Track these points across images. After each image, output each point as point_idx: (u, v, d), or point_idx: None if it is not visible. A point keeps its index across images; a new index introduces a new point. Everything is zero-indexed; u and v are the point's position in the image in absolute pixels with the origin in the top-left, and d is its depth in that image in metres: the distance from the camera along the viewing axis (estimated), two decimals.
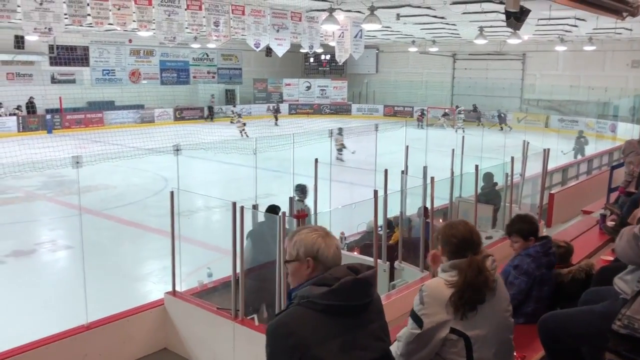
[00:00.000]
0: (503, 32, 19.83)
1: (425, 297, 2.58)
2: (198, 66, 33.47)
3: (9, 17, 10.00)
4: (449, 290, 2.58)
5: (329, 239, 2.30)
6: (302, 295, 2.16)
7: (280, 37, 14.82)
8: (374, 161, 10.10)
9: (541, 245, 3.90)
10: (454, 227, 2.75)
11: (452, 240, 2.70)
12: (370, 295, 2.24)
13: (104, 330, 4.90)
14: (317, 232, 2.32)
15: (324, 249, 2.26)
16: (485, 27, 18.45)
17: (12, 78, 25.91)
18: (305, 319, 2.11)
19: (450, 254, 2.70)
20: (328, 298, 2.12)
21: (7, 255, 9.47)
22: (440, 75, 33.86)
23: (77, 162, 4.72)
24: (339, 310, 2.13)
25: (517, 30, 12.60)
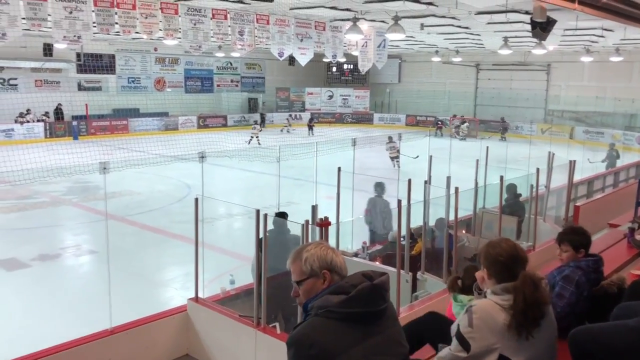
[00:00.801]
0: (528, 43, 19.67)
1: (475, 319, 2.47)
2: (222, 75, 33.79)
3: (40, 25, 10.21)
4: (502, 313, 2.47)
5: (334, 250, 2.36)
6: (319, 305, 2.16)
7: (303, 46, 14.89)
8: (396, 170, 10.08)
9: (594, 261, 3.76)
10: (497, 246, 2.65)
11: (499, 260, 2.60)
12: (386, 300, 2.25)
13: (127, 335, 4.95)
14: (322, 244, 2.37)
15: (335, 259, 2.30)
16: (509, 37, 18.32)
17: (41, 85, 26.42)
18: (326, 329, 2.11)
19: (499, 275, 2.59)
20: (347, 306, 2.13)
21: (33, 259, 9.61)
22: (464, 86, 33.69)
23: (104, 168, 4.78)
24: (358, 317, 2.14)
25: (543, 41, 12.47)
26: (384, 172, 11.77)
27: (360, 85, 36.53)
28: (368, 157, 18.99)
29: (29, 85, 25.89)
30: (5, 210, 12.80)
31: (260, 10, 13.40)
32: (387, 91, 36.70)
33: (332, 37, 15.50)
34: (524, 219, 8.32)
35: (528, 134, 26.74)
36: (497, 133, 28.94)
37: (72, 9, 10.24)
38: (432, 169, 8.74)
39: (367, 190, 9.12)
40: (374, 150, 18.47)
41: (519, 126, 29.86)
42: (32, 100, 24.03)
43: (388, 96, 36.70)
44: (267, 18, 13.71)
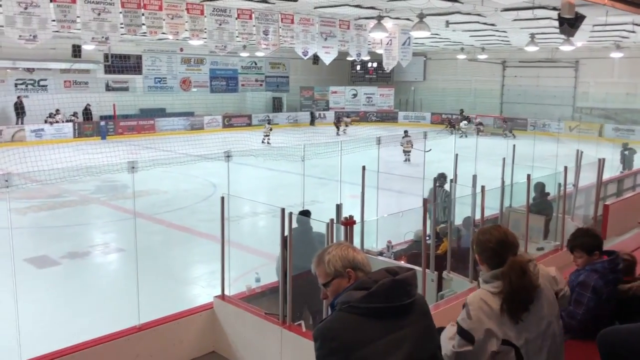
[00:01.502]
0: (555, 39, 19.38)
1: (472, 311, 2.54)
2: (246, 74, 34.00)
3: (69, 27, 10.41)
4: (495, 300, 2.53)
5: (355, 248, 2.43)
6: (343, 301, 2.22)
7: (328, 45, 14.90)
8: (420, 170, 10.02)
9: (609, 261, 3.68)
10: (487, 233, 2.73)
11: (488, 246, 2.67)
12: (410, 296, 2.25)
13: (155, 331, 5.02)
14: (342, 244, 2.44)
15: (357, 257, 2.36)
16: (536, 33, 18.07)
17: (70, 86, 26.92)
18: (347, 323, 2.16)
19: (489, 260, 2.66)
20: (368, 301, 2.17)
21: (62, 257, 9.80)
22: (490, 83, 33.32)
23: (133, 167, 4.86)
24: (379, 312, 2.17)
25: (571, 37, 12.29)
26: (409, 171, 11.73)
27: (385, 83, 36.39)
28: (392, 155, 18.94)
29: (58, 86, 26.41)
30: (35, 209, 13.07)
31: (285, 9, 13.45)
32: (411, 89, 36.49)
33: (356, 35, 15.48)
34: (552, 218, 8.21)
35: (555, 131, 26.36)
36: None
37: (100, 10, 10.42)
38: (458, 168, 8.68)
39: (392, 189, 9.10)
40: (399, 149, 18.41)
41: (546, 124, 29.42)
42: (61, 101, 24.48)
43: (413, 94, 36.49)
44: (291, 17, 13.76)
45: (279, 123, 32.97)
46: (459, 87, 34.41)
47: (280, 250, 5.19)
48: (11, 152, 14.54)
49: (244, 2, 12.46)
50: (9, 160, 13.01)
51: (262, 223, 12.37)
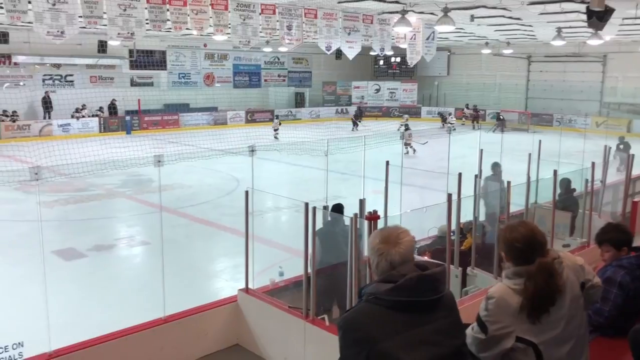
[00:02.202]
0: (583, 33, 19.03)
1: (490, 304, 2.56)
2: (269, 70, 34.10)
3: (96, 22, 10.55)
4: (515, 297, 2.53)
5: None
6: (369, 292, 2.23)
7: (351, 39, 14.86)
8: (445, 165, 9.94)
9: (636, 257, 3.63)
10: (515, 230, 2.67)
11: (515, 246, 2.62)
12: (438, 291, 2.25)
13: (180, 323, 5.08)
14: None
15: None
16: (563, 27, 17.78)
17: (95, 81, 27.30)
18: (372, 315, 2.18)
19: (516, 259, 2.62)
20: (393, 294, 2.17)
21: (89, 249, 9.96)
22: (515, 78, 32.91)
23: (159, 161, 4.91)
24: (405, 306, 2.17)
25: (599, 31, 12.06)
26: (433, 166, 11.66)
27: (408, 78, 36.18)
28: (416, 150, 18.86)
29: (84, 81, 26.81)
30: (62, 202, 13.29)
31: (308, 4, 13.44)
32: (435, 84, 36.22)
33: (380, 30, 15.40)
34: (578, 214, 8.10)
35: (582, 127, 25.93)
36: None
37: (126, 6, 10.53)
38: (483, 163, 8.61)
39: (415, 184, 9.05)
40: None
41: (572, 119, 28.96)
42: (88, 96, 24.85)
43: (436, 89, 36.22)
44: (314, 12, 13.74)
45: (301, 118, 33.04)
46: (483, 82, 34.06)
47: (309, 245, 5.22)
48: (39, 146, 14.82)
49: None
50: (38, 154, 13.25)
51: (284, 217, 12.41)
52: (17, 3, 9.50)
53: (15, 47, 23.90)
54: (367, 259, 2.42)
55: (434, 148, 18.01)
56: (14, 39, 23.11)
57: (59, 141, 19.75)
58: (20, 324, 6.45)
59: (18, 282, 8.19)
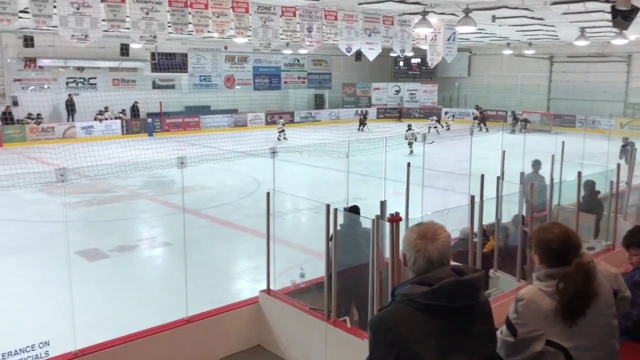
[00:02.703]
0: (607, 33, 18.76)
1: (520, 306, 2.52)
2: (289, 72, 34.21)
3: (119, 26, 10.67)
4: (546, 299, 2.50)
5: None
6: (403, 293, 2.20)
7: (371, 41, 14.83)
8: (466, 167, 9.87)
9: None
10: (549, 231, 2.62)
11: (551, 247, 2.57)
12: (474, 298, 2.20)
13: (202, 324, 5.11)
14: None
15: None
16: (587, 27, 17.53)
17: (118, 84, 27.63)
18: (404, 316, 2.14)
19: (550, 260, 2.57)
20: (428, 297, 2.13)
21: (112, 250, 10.08)
22: (537, 79, 32.57)
23: (182, 163, 4.95)
24: (439, 310, 2.13)
25: (624, 30, 11.88)
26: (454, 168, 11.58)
27: (428, 79, 36.01)
28: (437, 152, 18.76)
29: (107, 84, 27.17)
30: (86, 203, 13.47)
31: (329, 6, 13.46)
32: (456, 85, 36.00)
33: (400, 31, 15.35)
34: (602, 216, 7.98)
35: (606, 128, 25.55)
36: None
37: (148, 9, 10.64)
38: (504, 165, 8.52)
39: (437, 186, 8.99)
40: (444, 145, 18.22)
41: (596, 120, 28.55)
42: (110, 99, 25.20)
43: (457, 90, 35.99)
44: (335, 14, 13.74)
45: (321, 120, 33.09)
46: (504, 83, 33.76)
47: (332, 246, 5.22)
48: (63, 149, 15.03)
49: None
50: (62, 157, 13.45)
51: (304, 219, 12.43)
52: (43, 8, 9.65)
53: (40, 51, 24.33)
54: (402, 255, 2.35)
55: (454, 149, 17.91)
56: (38, 43, 23.53)
57: (83, 143, 20.05)
58: (45, 323, 6.56)
59: (43, 282, 8.33)
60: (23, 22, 11.99)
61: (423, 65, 33.41)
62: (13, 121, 24.09)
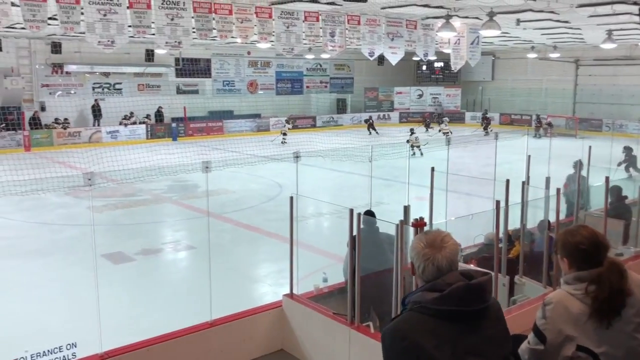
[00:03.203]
0: (635, 35, 18.47)
1: (548, 310, 2.46)
2: (311, 76, 34.29)
3: (144, 32, 10.81)
4: (576, 303, 2.44)
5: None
6: (415, 300, 2.21)
7: (394, 45, 14.78)
8: (490, 171, 9.78)
9: None
10: (576, 233, 2.56)
11: (580, 248, 2.51)
12: (484, 301, 2.21)
13: (226, 328, 5.14)
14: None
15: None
16: (614, 30, 17.25)
17: (143, 89, 28.00)
18: (418, 324, 2.15)
19: (580, 262, 2.50)
20: (439, 303, 2.15)
21: (137, 253, 10.19)
22: (562, 83, 32.11)
23: (207, 167, 5.00)
24: (451, 315, 2.15)
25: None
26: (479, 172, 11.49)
27: (452, 83, 35.78)
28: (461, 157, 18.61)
29: (132, 89, 27.55)
30: (111, 207, 13.65)
31: (352, 10, 13.46)
32: (479, 89, 35.70)
33: (423, 35, 15.27)
34: (631, 222, 7.84)
35: (634, 132, 25.09)
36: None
37: (173, 15, 10.76)
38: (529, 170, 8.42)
39: (461, 190, 8.92)
40: (468, 150, 18.07)
41: (623, 124, 28.07)
42: (135, 104, 25.52)
43: (481, 94, 35.69)
44: (358, 18, 13.74)
45: (343, 124, 33.09)
46: (529, 86, 33.39)
47: (348, 251, 5.20)
48: (90, 153, 15.28)
49: (311, 4, 12.55)
50: (88, 161, 13.66)
51: (327, 223, 12.43)
52: (71, 15, 9.83)
53: (67, 57, 24.78)
54: (410, 265, 2.36)
55: (478, 154, 17.76)
56: (65, 49, 23.98)
57: (108, 147, 20.36)
58: (73, 325, 6.66)
59: (70, 284, 8.45)
60: (51, 28, 12.21)
61: (446, 69, 33.22)
62: (41, 126, 24.57)
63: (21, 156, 19.82)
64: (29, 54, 24.80)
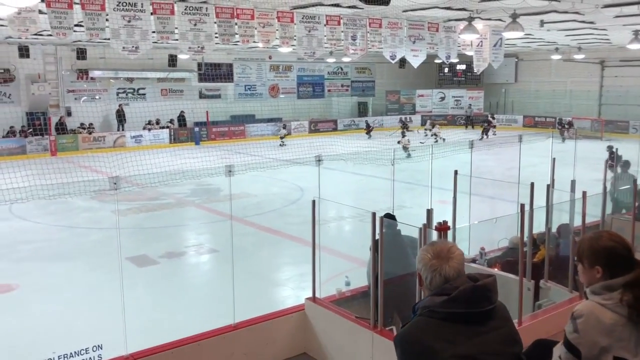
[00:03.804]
0: None
1: (579, 324, 2.38)
2: (332, 80, 34.31)
3: (168, 37, 10.95)
4: (607, 313, 2.36)
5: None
6: (423, 306, 2.27)
7: (416, 48, 14.74)
8: (514, 174, 9.67)
9: None
10: (604, 239, 2.47)
11: (617, 253, 2.41)
12: (491, 302, 2.26)
13: (249, 330, 5.16)
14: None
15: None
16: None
17: (166, 94, 28.31)
18: (428, 328, 2.20)
19: (617, 269, 2.40)
20: (448, 306, 2.19)
21: (161, 257, 10.29)
22: (587, 84, 31.64)
23: (230, 171, 5.03)
24: (459, 317, 2.19)
25: None
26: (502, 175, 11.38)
27: (474, 85, 35.52)
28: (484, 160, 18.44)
29: (155, 94, 27.88)
30: (135, 210, 13.81)
31: (373, 14, 13.44)
32: (502, 91, 35.37)
33: (445, 37, 15.20)
34: None
35: None
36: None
37: (196, 21, 10.88)
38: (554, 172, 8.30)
39: (484, 194, 8.84)
40: (491, 152, 17.89)
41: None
42: (158, 109, 25.80)
43: (504, 96, 35.35)
44: (379, 22, 13.72)
45: (364, 128, 33.02)
46: (553, 88, 32.98)
47: (371, 254, 5.18)
48: (114, 157, 15.47)
49: (332, 8, 12.58)
50: (113, 165, 13.83)
51: (348, 227, 12.41)
52: (96, 21, 10.00)
53: (92, 63, 25.17)
54: (417, 276, 2.38)
55: (502, 156, 17.58)
56: (90, 55, 24.33)
57: (132, 152, 20.57)
58: (98, 327, 6.74)
59: (95, 287, 8.56)
60: (77, 35, 12.43)
61: (468, 71, 33.00)
62: (66, 131, 25.00)
63: (47, 161, 20.15)
64: (55, 60, 25.26)
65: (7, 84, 24.36)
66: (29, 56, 22.66)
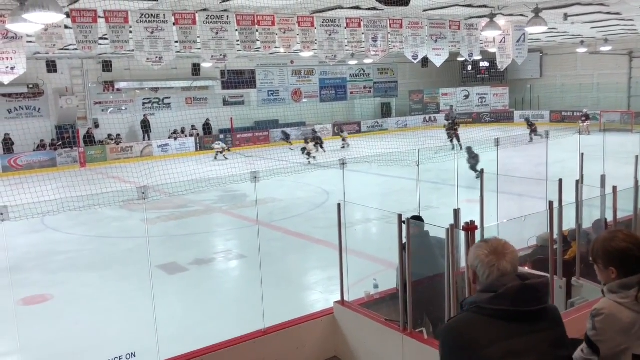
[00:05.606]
0: None
1: (598, 322, 2.41)
2: (355, 82, 34.29)
3: (190, 47, 11.09)
4: (625, 312, 2.38)
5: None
6: (470, 301, 2.29)
7: (438, 47, 14.64)
8: (542, 171, 9.54)
9: None
10: (618, 239, 2.48)
11: (631, 254, 2.43)
12: (541, 302, 2.25)
13: (278, 335, 5.18)
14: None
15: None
16: None
17: (190, 102, 28.65)
18: (473, 323, 2.22)
19: (631, 269, 2.43)
20: (494, 303, 2.20)
21: (190, 264, 10.40)
22: (615, 77, 31.03)
23: (255, 177, 5.07)
24: (506, 315, 2.20)
25: None
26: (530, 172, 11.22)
27: (498, 82, 35.13)
28: (510, 157, 18.24)
29: (180, 103, 28.24)
30: (164, 218, 13.99)
31: (393, 14, 13.40)
32: (527, 87, 34.90)
33: (467, 35, 15.07)
34: None
35: None
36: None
37: (218, 30, 10.99)
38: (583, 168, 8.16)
39: (512, 192, 8.73)
40: (518, 150, 17.68)
41: None
42: (184, 117, 26.14)
43: (529, 92, 34.87)
44: (400, 22, 13.68)
45: (388, 129, 32.95)
46: (579, 82, 32.42)
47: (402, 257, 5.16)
48: (142, 167, 15.71)
49: (353, 10, 12.58)
50: (141, 175, 14.05)
51: (375, 229, 12.37)
52: (120, 34, 10.18)
53: (117, 75, 25.62)
54: (470, 272, 2.39)
55: (529, 153, 17.36)
56: (116, 67, 24.79)
57: (159, 161, 20.87)
58: (131, 335, 6.85)
59: (127, 295, 8.69)
60: (102, 48, 12.68)
61: (492, 68, 32.65)
62: (94, 142, 25.47)
63: (77, 172, 20.59)
64: (81, 74, 25.78)
65: (37, 98, 24.94)
66: (56, 71, 23.17)
